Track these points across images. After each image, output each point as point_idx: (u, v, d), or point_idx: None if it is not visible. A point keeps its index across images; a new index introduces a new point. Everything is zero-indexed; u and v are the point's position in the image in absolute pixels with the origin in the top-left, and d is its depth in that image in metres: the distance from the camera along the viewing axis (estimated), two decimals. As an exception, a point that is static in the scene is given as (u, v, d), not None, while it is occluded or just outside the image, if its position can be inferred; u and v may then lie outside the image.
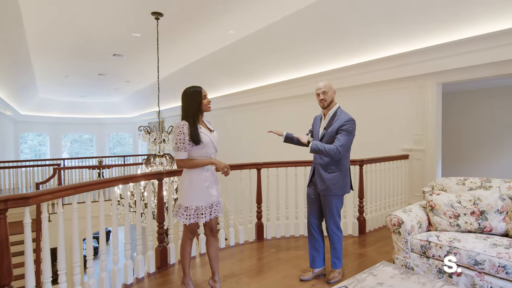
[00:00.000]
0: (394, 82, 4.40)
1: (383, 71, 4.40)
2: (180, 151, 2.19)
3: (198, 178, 2.28)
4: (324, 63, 5.31)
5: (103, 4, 4.48)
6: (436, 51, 3.79)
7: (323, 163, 2.59)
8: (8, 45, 5.64)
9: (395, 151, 4.37)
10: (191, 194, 2.26)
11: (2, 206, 1.71)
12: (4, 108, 9.43)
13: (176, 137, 2.19)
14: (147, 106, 13.12)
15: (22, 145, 14.98)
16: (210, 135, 2.33)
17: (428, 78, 4.03)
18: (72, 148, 16.87)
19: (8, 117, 11.04)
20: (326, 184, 2.57)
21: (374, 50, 4.37)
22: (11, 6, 4.22)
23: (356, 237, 3.74)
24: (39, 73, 8.81)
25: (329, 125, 2.57)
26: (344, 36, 4.53)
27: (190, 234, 2.42)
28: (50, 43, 6.23)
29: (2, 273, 1.72)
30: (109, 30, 5.55)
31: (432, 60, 3.88)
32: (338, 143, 2.46)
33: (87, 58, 7.41)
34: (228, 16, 4.87)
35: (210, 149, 2.30)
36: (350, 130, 2.50)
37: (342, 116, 2.55)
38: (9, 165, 8.87)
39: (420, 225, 2.63)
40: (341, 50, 4.85)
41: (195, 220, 2.27)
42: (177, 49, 6.76)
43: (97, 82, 10.25)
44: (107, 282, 2.52)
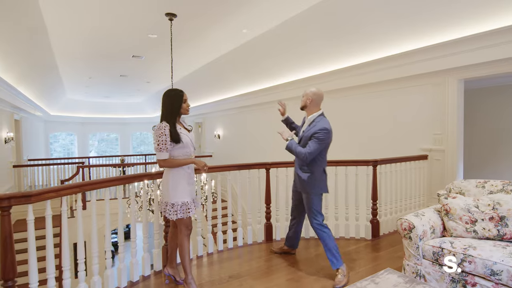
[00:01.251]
0: (411, 79, 4.19)
1: (400, 68, 4.20)
2: (162, 152, 2.29)
3: (182, 176, 2.42)
4: (339, 60, 5.15)
5: (120, 7, 4.59)
6: (457, 45, 3.56)
7: (298, 163, 2.82)
8: (33, 49, 5.92)
9: (414, 151, 4.16)
10: (177, 191, 2.39)
11: (6, 204, 1.78)
12: (34, 109, 9.95)
13: (158, 138, 2.29)
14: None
15: (54, 144, 15.80)
16: (189, 135, 2.49)
17: (448, 74, 3.80)
18: (99, 147, 17.57)
19: (38, 117, 11.65)
20: (302, 182, 2.77)
21: (390, 45, 4.18)
22: (34, 11, 4.42)
23: (369, 241, 3.60)
24: (65, 75, 9.22)
25: (307, 129, 2.72)
26: (359, 32, 4.37)
27: (186, 230, 2.48)
28: (73, 46, 6.49)
29: (6, 268, 1.79)
30: (126, 32, 5.69)
31: (452, 55, 3.65)
32: (308, 150, 2.62)
33: (108, 60, 7.65)
34: (240, 15, 4.84)
35: (189, 148, 2.44)
36: (321, 139, 2.62)
37: (319, 124, 2.67)
38: (39, 162, 9.37)
39: (433, 230, 2.48)
40: (356, 47, 4.68)
41: (182, 215, 2.39)
42: (193, 49, 6.83)
43: (119, 83, 10.58)
44: (125, 273, 2.66)
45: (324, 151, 2.73)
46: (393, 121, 4.54)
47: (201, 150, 11.50)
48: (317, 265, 3.00)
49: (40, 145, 12.75)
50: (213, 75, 8.47)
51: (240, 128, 8.90)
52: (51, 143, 15.31)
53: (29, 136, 10.26)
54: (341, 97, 5.41)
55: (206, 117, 11.00)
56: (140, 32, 5.69)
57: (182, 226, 2.46)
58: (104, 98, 14.17)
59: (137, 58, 7.54)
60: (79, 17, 4.93)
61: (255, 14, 4.83)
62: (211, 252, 3.37)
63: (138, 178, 2.76)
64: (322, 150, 2.69)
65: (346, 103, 5.35)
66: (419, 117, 4.19)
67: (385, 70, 4.42)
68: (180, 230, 2.48)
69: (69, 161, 10.89)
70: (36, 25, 4.89)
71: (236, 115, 8.94)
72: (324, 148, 2.70)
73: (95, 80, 10.16)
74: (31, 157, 10.04)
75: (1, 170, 6.98)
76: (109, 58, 7.48)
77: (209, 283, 2.69)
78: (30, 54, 6.11)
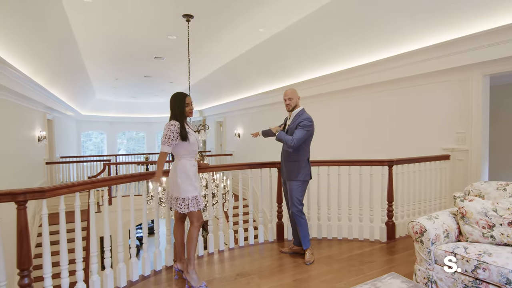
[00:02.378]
0: (433, 75, 3.99)
1: (421, 64, 4.01)
2: (164, 145, 2.48)
3: (189, 172, 2.56)
4: (358, 57, 5.01)
5: (140, 10, 4.74)
6: (482, 38, 3.34)
7: (285, 154, 3.11)
8: (62, 52, 6.27)
9: (435, 151, 3.97)
10: (187, 186, 2.52)
11: (21, 198, 1.90)
12: (65, 109, 10.52)
13: (166, 132, 2.47)
14: (190, 105, 13.66)
15: (87, 142, 16.67)
16: (196, 135, 2.67)
17: (472, 70, 3.58)
18: (128, 145, 18.31)
19: (70, 117, 12.32)
20: (287, 171, 3.08)
21: (410, 41, 4.00)
22: (60, 16, 4.67)
23: (383, 243, 3.48)
24: (94, 77, 9.67)
25: (292, 122, 3.05)
26: (378, 27, 4.22)
27: (197, 222, 2.60)
28: (99, 49, 6.79)
29: (22, 258, 1.91)
30: (147, 34, 5.87)
31: (477, 49, 3.44)
32: (294, 136, 2.93)
33: (132, 61, 7.94)
34: (255, 14, 4.85)
35: (195, 147, 2.62)
36: (306, 125, 2.93)
37: (303, 115, 3.02)
38: (71, 160, 9.93)
39: (447, 234, 2.36)
40: (375, 43, 4.53)
41: (194, 208, 2.52)
42: (212, 49, 6.93)
43: (144, 84, 10.94)
44: (148, 263, 2.83)
45: (308, 141, 3.05)
46: (413, 120, 4.35)
47: (222, 149, 11.63)
48: (328, 266, 2.95)
49: (72, 143, 13.47)
50: (232, 74, 8.54)
51: (260, 126, 8.90)
52: (84, 142, 16.16)
53: (62, 135, 10.87)
54: (360, 95, 5.27)
55: (226, 116, 11.11)
56: (160, 34, 5.85)
57: (194, 219, 2.57)
58: (131, 98, 14.72)
59: (159, 59, 7.77)
60: (103, 21, 5.15)
61: (270, 13, 4.81)
62: (222, 250, 3.42)
63: (148, 176, 2.84)
64: (307, 139, 3.01)
65: (364, 101, 5.20)
66: (440, 115, 3.98)
67: (405, 67, 4.25)
68: (192, 222, 2.59)
69: (98, 158, 11.46)
70: (63, 30, 5.17)
71: (256, 113, 8.96)
72: (308, 137, 3.02)
73: (122, 81, 10.58)
74: (63, 154, 10.64)
75: (35, 167, 7.47)
76: (133, 59, 7.77)
77: (217, 280, 2.72)
78: (60, 57, 6.47)
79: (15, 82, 5.24)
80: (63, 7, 4.43)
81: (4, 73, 4.69)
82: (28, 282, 1.93)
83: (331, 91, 5.80)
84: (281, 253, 3.29)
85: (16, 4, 3.72)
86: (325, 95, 6.05)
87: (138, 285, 2.68)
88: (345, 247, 3.43)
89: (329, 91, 5.83)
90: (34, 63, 5.69)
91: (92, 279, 2.39)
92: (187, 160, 2.57)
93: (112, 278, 2.54)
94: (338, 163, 3.57)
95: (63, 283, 2.14)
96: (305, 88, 6.42)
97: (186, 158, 2.57)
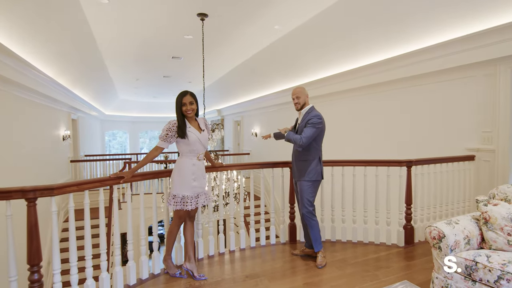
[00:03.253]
0: (455, 70, 3.76)
1: (442, 59, 3.79)
2: (160, 140, 2.56)
3: (186, 171, 2.58)
4: (376, 53, 4.82)
5: (156, 10, 4.80)
6: (510, 30, 3.11)
7: (296, 153, 3.03)
8: (83, 54, 6.47)
9: (458, 151, 3.74)
10: (181, 185, 2.57)
11: (31, 195, 1.95)
12: (89, 109, 10.90)
13: (163, 129, 2.55)
14: (210, 105, 13.79)
15: (113, 141, 17.25)
16: (199, 135, 2.62)
17: (500, 63, 3.33)
18: (150, 144, 18.79)
19: (94, 117, 12.76)
20: (298, 170, 2.99)
21: (431, 34, 3.79)
22: (79, 18, 4.81)
23: (401, 248, 3.32)
24: (115, 78, 9.96)
25: (302, 121, 2.97)
26: (397, 21, 4.04)
27: (178, 220, 2.67)
28: (119, 50, 6.96)
29: (32, 254, 1.95)
30: (164, 34, 5.95)
31: (505, 41, 3.19)
32: (303, 134, 2.85)
33: (151, 62, 8.09)
34: (269, 11, 4.78)
35: (196, 146, 2.61)
36: (315, 123, 2.84)
37: (312, 113, 2.93)
38: (94, 158, 10.29)
39: (468, 241, 2.19)
40: (394, 37, 4.33)
41: (181, 207, 2.56)
42: (228, 48, 6.92)
43: (163, 84, 11.14)
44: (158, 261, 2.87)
45: (319, 139, 2.96)
46: (433, 118, 4.12)
47: (240, 148, 11.64)
48: (340, 271, 2.85)
49: (97, 142, 13.95)
50: (249, 73, 8.50)
51: (276, 125, 8.81)
52: (109, 141, 16.73)
53: (86, 134, 11.28)
54: (378, 92, 5.08)
55: (244, 115, 11.10)
56: (176, 33, 5.91)
57: (176, 216, 2.66)
58: (152, 98, 15.04)
59: (176, 59, 7.86)
60: (120, 22, 5.26)
61: (285, 10, 4.73)
62: (232, 250, 3.39)
63: (160, 174, 2.86)
64: (317, 138, 2.92)
65: (383, 99, 5.00)
66: (464, 113, 3.75)
67: (426, 62, 4.03)
68: (174, 219, 2.68)
69: (120, 157, 11.82)
70: (83, 32, 5.33)
71: (273, 112, 8.87)
72: (319, 135, 2.92)
73: (142, 82, 10.83)
74: (88, 153, 11.04)
75: (60, 164, 7.78)
76: (151, 60, 7.91)
77: (225, 281, 2.69)
78: (82, 59, 6.69)
79: (40, 83, 5.46)
80: (82, 9, 4.55)
81: (29, 75, 4.90)
82: (38, 277, 1.97)
83: (349, 88, 5.62)
84: (293, 255, 3.21)
85: (37, 9, 3.86)
86: (342, 93, 5.88)
87: (148, 283, 2.70)
88: (360, 251, 3.30)
89: (347, 88, 5.66)
90: (58, 64, 5.91)
91: (112, 271, 2.43)
92: (187, 159, 2.62)
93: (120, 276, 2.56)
94: (353, 163, 3.44)
95: (72, 279, 2.19)
96: (322, 86, 6.28)
97: (187, 156, 2.63)
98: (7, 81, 4.27)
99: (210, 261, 3.14)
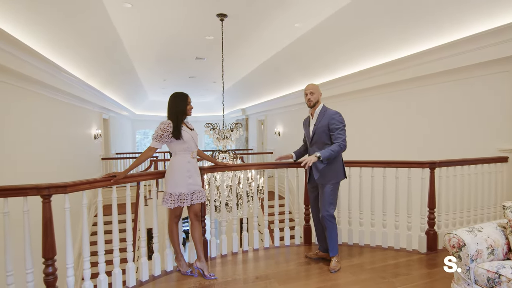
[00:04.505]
0: (486, 65, 3.46)
1: (472, 53, 3.51)
2: (153, 141, 2.59)
3: (181, 169, 2.63)
4: (401, 48, 4.58)
5: (177, 12, 4.88)
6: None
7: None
8: (112, 56, 6.76)
9: (489, 152, 3.45)
10: (175, 182, 2.62)
11: (46, 192, 2.05)
12: (120, 109, 11.39)
13: (158, 130, 2.58)
14: (234, 104, 13.89)
15: (145, 139, 17.95)
16: (191, 133, 2.70)
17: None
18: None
19: (125, 116, 13.32)
20: (323, 174, 2.81)
21: (462, 26, 3.52)
22: (106, 22, 5.03)
23: (422, 254, 3.12)
24: (143, 79, 10.32)
25: (319, 121, 2.85)
26: (425, 13, 3.80)
27: (175, 217, 2.74)
28: (145, 52, 7.20)
29: (47, 248, 2.06)
30: (186, 35, 6.05)
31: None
32: (340, 139, 2.74)
33: (176, 63, 8.29)
34: (288, 9, 4.70)
35: (190, 144, 2.67)
36: (341, 121, 2.77)
37: (329, 111, 2.84)
38: (124, 156, 10.76)
39: (492, 251, 2.01)
40: (422, 31, 4.09)
41: (178, 204, 2.62)
42: (250, 48, 6.91)
43: (189, 84, 11.38)
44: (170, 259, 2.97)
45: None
46: (464, 116, 3.83)
47: (263, 147, 11.62)
48: (354, 276, 2.74)
49: (128, 140, 14.57)
50: (271, 72, 8.45)
51: (299, 124, 8.69)
52: (142, 139, 17.43)
53: (117, 133, 11.81)
54: (401, 90, 4.82)
55: (267, 114, 11.05)
56: (197, 34, 5.99)
57: (172, 215, 2.72)
58: (179, 98, 15.44)
59: (200, 60, 7.98)
60: (144, 25, 5.42)
61: (305, 7, 4.62)
62: (246, 250, 3.37)
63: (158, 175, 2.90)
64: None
65: (405, 97, 4.74)
66: (496, 111, 3.44)
67: (454, 57, 3.75)
68: (170, 217, 2.73)
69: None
70: (110, 36, 5.56)
71: (296, 111, 8.76)
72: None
73: (169, 82, 11.13)
74: (119, 151, 11.55)
75: (92, 162, 8.21)
76: (176, 61, 8.10)
77: (235, 281, 2.68)
78: (110, 61, 6.99)
79: (71, 85, 5.77)
80: (108, 14, 4.75)
81: (60, 77, 5.19)
82: (52, 270, 2.07)
83: (373, 86, 5.38)
84: (306, 257, 3.13)
85: (65, 17, 4.08)
86: (366, 90, 5.66)
87: (161, 279, 2.75)
88: (378, 256, 3.15)
89: (371, 86, 5.42)
90: (88, 67, 6.22)
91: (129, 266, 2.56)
92: (182, 157, 2.66)
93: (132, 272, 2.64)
94: (371, 164, 3.30)
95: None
96: (345, 84, 6.09)
97: (181, 154, 2.67)
98: (40, 83, 4.55)
99: (223, 260, 3.15)
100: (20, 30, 3.56)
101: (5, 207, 2.01)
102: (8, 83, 3.73)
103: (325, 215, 2.82)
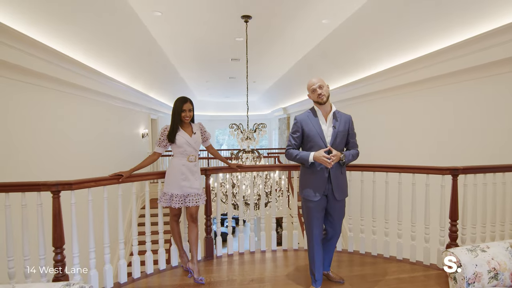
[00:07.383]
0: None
1: (501, 47, 3.02)
2: (155, 145, 2.83)
3: (176, 171, 2.75)
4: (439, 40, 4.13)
5: (206, 15, 5.04)
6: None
7: (337, 169, 2.42)
8: (153, 61, 7.26)
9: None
10: (168, 183, 2.77)
11: (54, 189, 2.32)
12: (168, 109, 12.17)
13: (158, 136, 2.81)
14: (276, 103, 13.88)
15: (191, 139, 19.12)
16: (188, 138, 2.77)
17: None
18: (228, 141, 20.16)
19: (174, 116, 14.19)
20: (340, 188, 2.44)
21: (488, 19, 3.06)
22: (142, 30, 5.43)
23: (441, 270, 2.81)
24: (188, 80, 10.88)
25: (338, 124, 2.46)
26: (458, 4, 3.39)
27: (173, 216, 2.90)
28: (183, 56, 7.60)
29: (56, 238, 2.34)
30: (216, 38, 6.24)
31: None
32: (357, 147, 2.55)
33: (213, 65, 8.60)
34: (313, 5, 4.56)
35: (185, 147, 2.76)
36: (353, 128, 2.56)
37: (344, 114, 2.54)
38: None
39: (495, 275, 1.75)
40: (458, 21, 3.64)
41: (169, 204, 2.75)
42: (283, 48, 6.87)
43: (230, 84, 11.68)
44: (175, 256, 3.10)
45: None
46: (485, 119, 3.31)
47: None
48: (357, 285, 2.59)
49: (177, 139, 15.52)
50: (305, 71, 8.27)
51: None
52: (190, 138, 18.58)
53: (166, 132, 12.65)
54: (424, 89, 4.35)
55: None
56: (227, 37, 6.13)
57: (171, 213, 2.88)
58: (225, 98, 15.94)
59: (235, 61, 8.16)
60: (177, 30, 5.73)
61: (329, 2, 4.44)
62: (252, 251, 3.39)
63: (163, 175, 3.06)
64: None
65: (429, 96, 4.24)
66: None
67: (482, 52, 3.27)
68: (170, 215, 2.89)
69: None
70: (148, 42, 5.99)
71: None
72: None
73: (212, 83, 11.57)
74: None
75: (141, 158, 8.94)
76: (214, 63, 8.40)
77: (229, 282, 2.72)
78: (152, 66, 7.53)
79: (117, 89, 6.36)
80: (142, 22, 5.12)
81: (106, 84, 5.76)
82: (61, 258, 2.34)
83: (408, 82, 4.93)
84: None
85: (102, 26, 4.51)
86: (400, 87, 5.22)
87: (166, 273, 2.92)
88: (391, 267, 2.92)
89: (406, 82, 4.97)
90: (131, 71, 6.78)
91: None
92: (177, 159, 2.78)
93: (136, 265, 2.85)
94: (385, 168, 3.06)
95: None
96: (379, 81, 5.70)
97: (178, 157, 2.79)
98: (96, 93, 5.19)
99: (229, 260, 3.22)
100: (69, 48, 4.11)
101: (23, 201, 2.33)
102: (76, 94, 4.71)
103: (339, 232, 2.54)
